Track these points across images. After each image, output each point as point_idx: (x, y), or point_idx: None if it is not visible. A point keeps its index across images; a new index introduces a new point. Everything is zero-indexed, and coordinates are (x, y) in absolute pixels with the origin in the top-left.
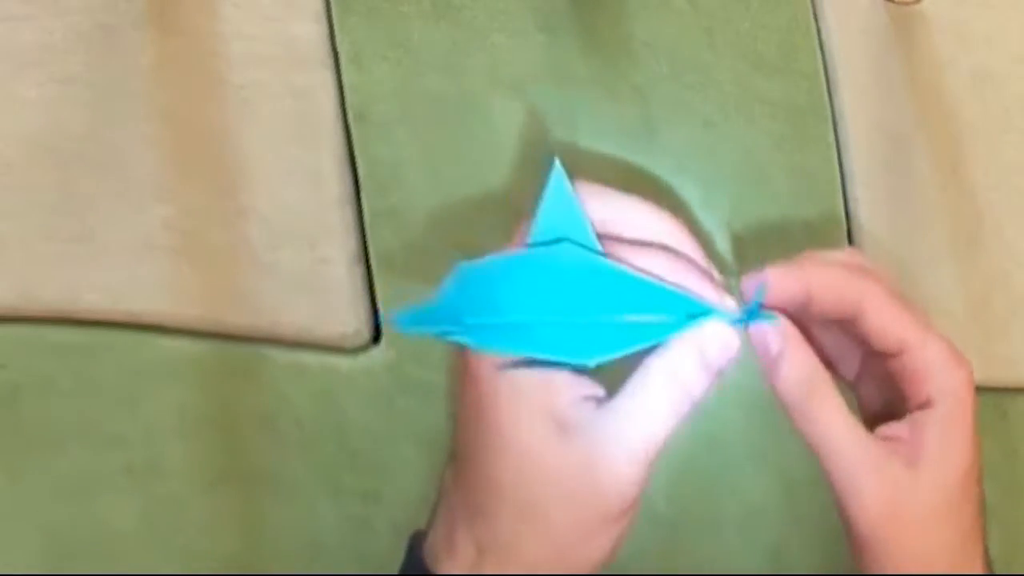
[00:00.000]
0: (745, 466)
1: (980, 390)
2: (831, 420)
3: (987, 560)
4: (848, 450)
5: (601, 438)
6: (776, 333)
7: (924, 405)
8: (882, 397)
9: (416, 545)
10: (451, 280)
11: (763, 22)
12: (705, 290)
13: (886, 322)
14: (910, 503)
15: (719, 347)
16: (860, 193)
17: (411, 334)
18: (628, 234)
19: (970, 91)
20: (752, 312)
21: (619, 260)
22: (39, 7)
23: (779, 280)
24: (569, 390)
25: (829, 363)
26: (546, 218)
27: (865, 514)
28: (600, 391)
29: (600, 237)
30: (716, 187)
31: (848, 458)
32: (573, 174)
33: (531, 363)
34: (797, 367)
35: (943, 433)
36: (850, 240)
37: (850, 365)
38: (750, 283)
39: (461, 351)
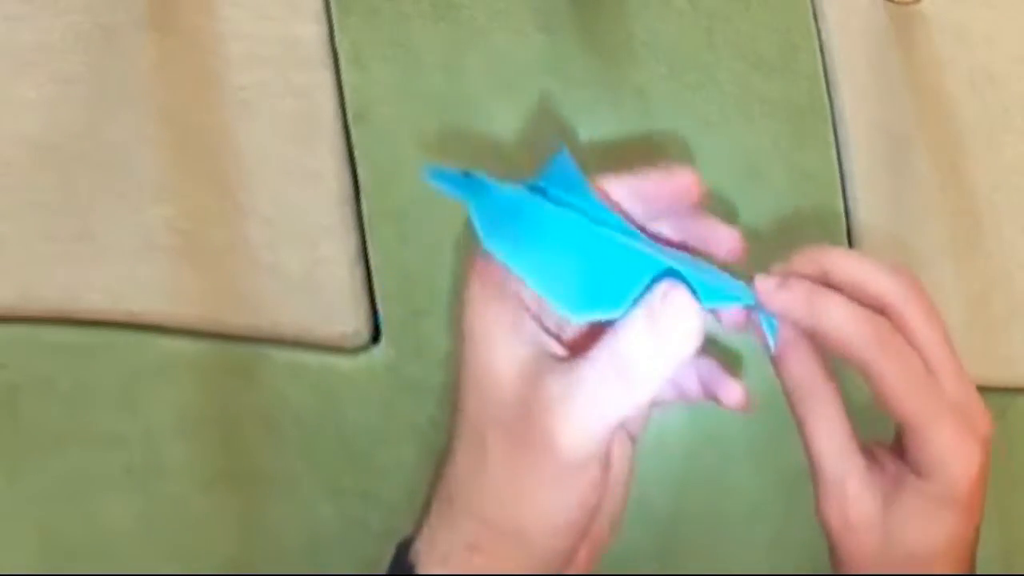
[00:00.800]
0: (745, 464)
1: (980, 390)
2: (824, 431)
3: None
4: (835, 470)
5: (552, 399)
6: (780, 330)
7: (917, 474)
8: None
9: (403, 550)
10: (484, 182)
11: (763, 22)
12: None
13: (890, 397)
14: (868, 533)
15: (671, 316)
16: (860, 193)
17: (439, 188)
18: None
19: (970, 91)
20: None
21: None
22: (39, 7)
23: (789, 311)
24: (544, 342)
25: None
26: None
27: (838, 527)
28: (562, 351)
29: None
30: (716, 187)
31: (834, 477)
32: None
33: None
34: (794, 370)
35: (923, 506)
36: (850, 240)
37: None
38: (766, 284)
39: (468, 271)
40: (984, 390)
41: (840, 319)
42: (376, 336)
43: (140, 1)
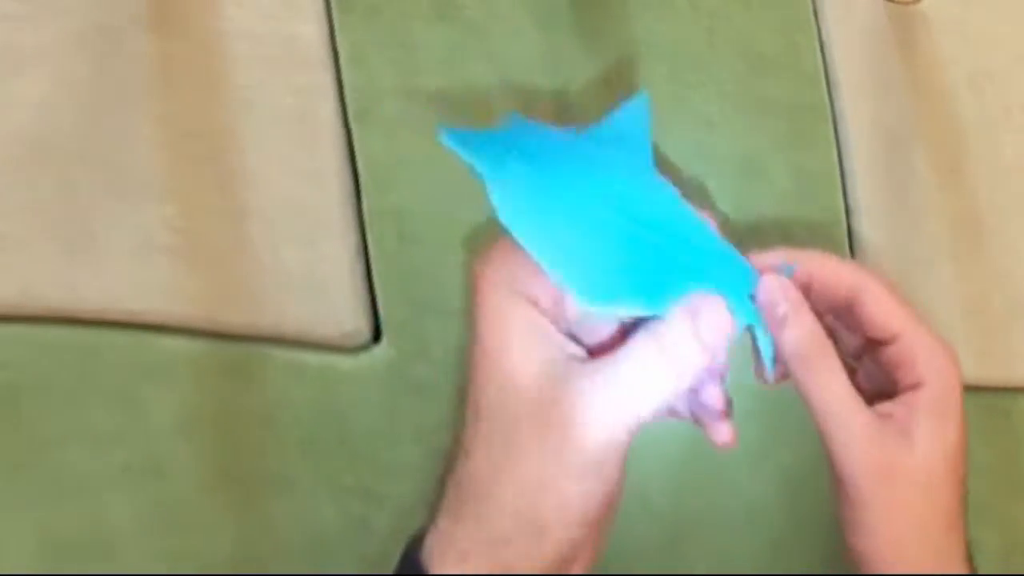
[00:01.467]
0: (745, 464)
1: (980, 390)
2: (829, 381)
3: (968, 553)
4: (845, 412)
5: (583, 394)
6: (784, 294)
7: (915, 387)
8: (874, 385)
9: (412, 548)
10: (506, 127)
11: (763, 22)
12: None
13: (882, 311)
14: (900, 468)
15: (713, 323)
16: (860, 193)
17: (457, 152)
18: None
19: (970, 91)
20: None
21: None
22: (39, 7)
23: (783, 261)
24: (562, 343)
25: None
26: (611, 128)
27: (857, 471)
28: (584, 354)
29: None
30: (716, 187)
31: (844, 419)
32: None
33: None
34: (800, 328)
35: (933, 410)
36: (850, 240)
37: (845, 352)
38: (764, 258)
39: (476, 275)
40: (984, 390)
41: (830, 262)
42: (377, 335)
43: (140, 1)
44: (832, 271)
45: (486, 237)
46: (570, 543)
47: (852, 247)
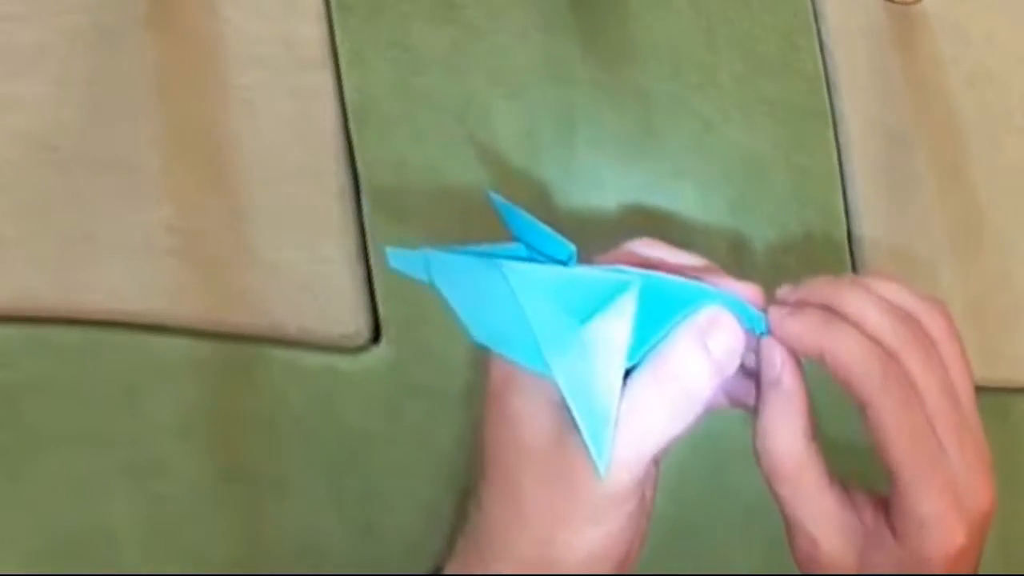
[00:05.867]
0: (745, 465)
1: (980, 390)
2: (809, 494)
3: None
4: (820, 519)
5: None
6: (775, 367)
7: (894, 533)
8: None
9: None
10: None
11: (763, 22)
12: (738, 287)
13: (884, 444)
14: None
15: (725, 345)
16: (860, 193)
17: (399, 271)
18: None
19: (970, 91)
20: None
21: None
22: (39, 7)
23: (792, 331)
24: None
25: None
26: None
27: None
28: None
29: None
30: (716, 187)
31: (803, 529)
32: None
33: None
34: (784, 437)
35: (895, 569)
36: (850, 240)
37: None
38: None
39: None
40: (984, 390)
41: (851, 346)
42: (376, 336)
43: (140, 1)
44: (845, 363)
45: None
46: None
47: (852, 248)
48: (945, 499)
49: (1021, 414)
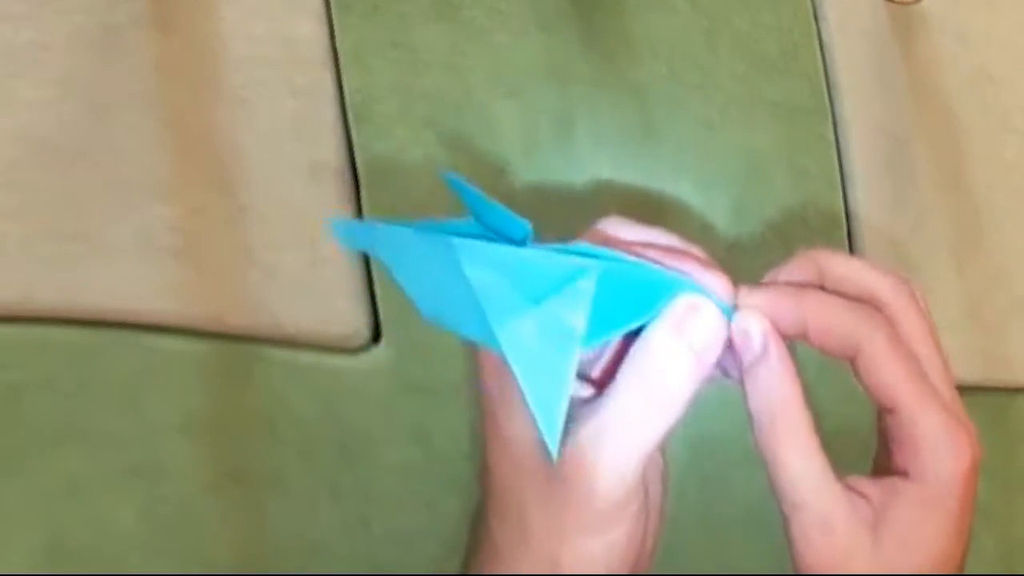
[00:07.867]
0: (745, 465)
1: (980, 390)
2: (792, 458)
3: None
4: (807, 498)
5: (582, 443)
6: (757, 338)
7: (905, 476)
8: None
9: None
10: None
11: (763, 22)
12: (704, 277)
13: (881, 377)
14: (857, 566)
15: (705, 334)
16: (860, 193)
17: (343, 243)
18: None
19: (970, 91)
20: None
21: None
22: (39, 7)
23: (774, 305)
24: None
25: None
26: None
27: (807, 562)
28: (589, 391)
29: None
30: (716, 187)
31: (804, 507)
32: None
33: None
34: (770, 385)
35: (916, 515)
36: (850, 240)
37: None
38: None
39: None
40: (984, 390)
41: (829, 306)
42: (376, 336)
43: (140, 1)
44: (829, 319)
45: None
46: None
47: (852, 248)
48: (949, 417)
49: (1019, 414)
